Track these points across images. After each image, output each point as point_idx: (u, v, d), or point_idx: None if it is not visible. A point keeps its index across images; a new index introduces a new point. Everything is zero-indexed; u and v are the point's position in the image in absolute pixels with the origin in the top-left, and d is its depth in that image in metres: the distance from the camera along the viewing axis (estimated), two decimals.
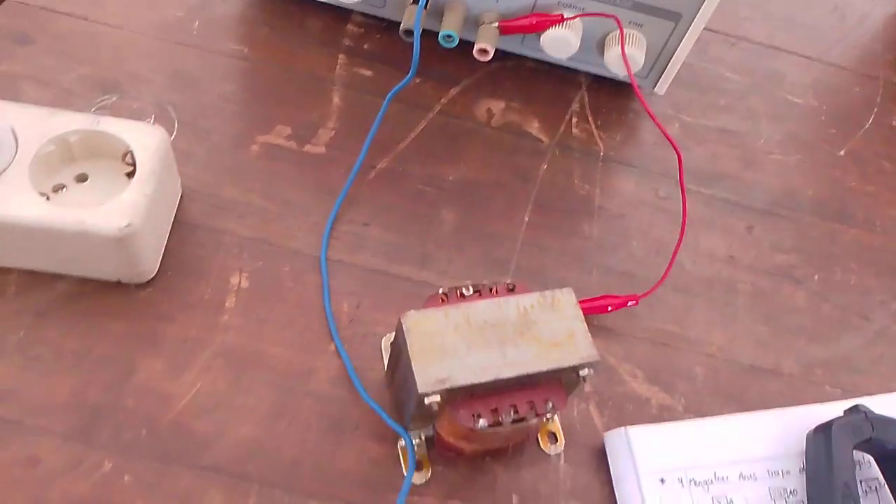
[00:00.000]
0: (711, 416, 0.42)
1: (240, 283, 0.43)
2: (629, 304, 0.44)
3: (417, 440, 0.38)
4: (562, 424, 0.41)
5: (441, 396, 0.33)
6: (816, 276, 0.50)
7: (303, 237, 0.45)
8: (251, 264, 0.44)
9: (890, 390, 0.46)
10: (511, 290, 0.37)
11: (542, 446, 0.40)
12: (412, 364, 0.33)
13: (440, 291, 0.37)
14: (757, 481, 0.39)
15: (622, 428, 0.40)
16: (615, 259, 0.48)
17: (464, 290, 0.37)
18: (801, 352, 0.46)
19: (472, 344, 0.34)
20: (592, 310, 0.44)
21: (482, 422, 0.34)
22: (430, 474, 0.38)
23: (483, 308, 0.36)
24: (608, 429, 0.41)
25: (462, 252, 0.47)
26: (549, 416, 0.34)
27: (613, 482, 0.39)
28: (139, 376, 0.39)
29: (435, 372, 0.33)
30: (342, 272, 0.44)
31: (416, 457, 0.38)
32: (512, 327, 0.35)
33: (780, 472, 0.40)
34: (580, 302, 0.43)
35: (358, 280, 0.44)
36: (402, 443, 0.39)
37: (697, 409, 0.43)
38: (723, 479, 0.39)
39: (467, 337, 0.35)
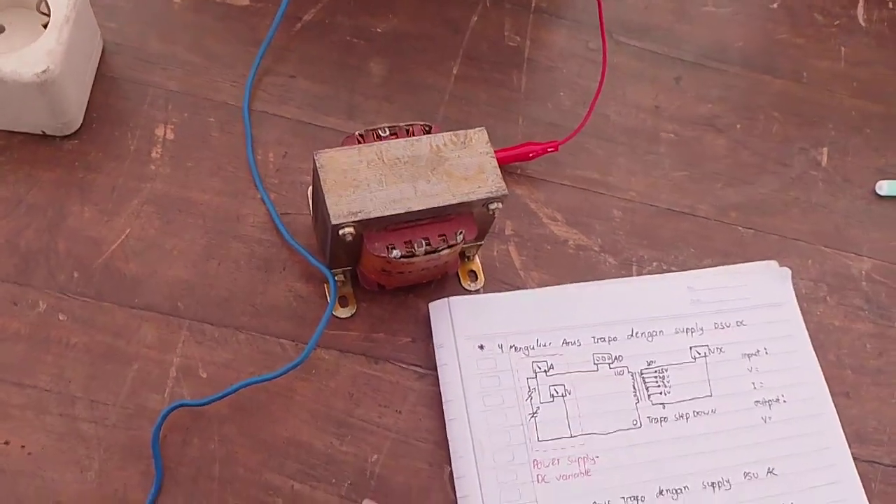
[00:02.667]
0: (610, 267, 0.44)
1: (165, 134, 0.43)
2: (548, 150, 0.45)
3: (342, 278, 0.40)
4: (483, 264, 0.43)
5: (355, 228, 0.35)
6: (739, 126, 0.51)
7: (228, 89, 0.45)
8: (177, 116, 0.44)
9: (800, 230, 0.48)
10: (427, 131, 0.38)
11: (463, 283, 0.42)
12: (325, 198, 0.35)
13: (356, 133, 0.38)
14: (581, 346, 0.41)
15: (445, 298, 0.41)
16: (542, 110, 0.49)
17: (380, 132, 0.38)
18: (718, 196, 0.48)
19: (385, 179, 0.36)
20: (515, 157, 0.45)
21: (395, 252, 0.36)
22: (355, 309, 0.40)
23: (396, 146, 0.37)
24: (525, 269, 0.44)
25: (390, 103, 0.47)
26: (458, 244, 0.36)
27: (435, 350, 0.40)
28: (70, 222, 0.40)
29: (347, 205, 0.35)
30: (268, 123, 0.45)
31: (342, 293, 0.40)
32: (424, 163, 0.36)
33: (606, 339, 0.41)
34: (503, 150, 0.45)
35: (284, 130, 0.45)
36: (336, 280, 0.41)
37: (612, 248, 0.45)
38: (545, 345, 0.40)
39: (380, 173, 0.36)
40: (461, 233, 0.36)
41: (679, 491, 0.39)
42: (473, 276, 0.43)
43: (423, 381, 0.40)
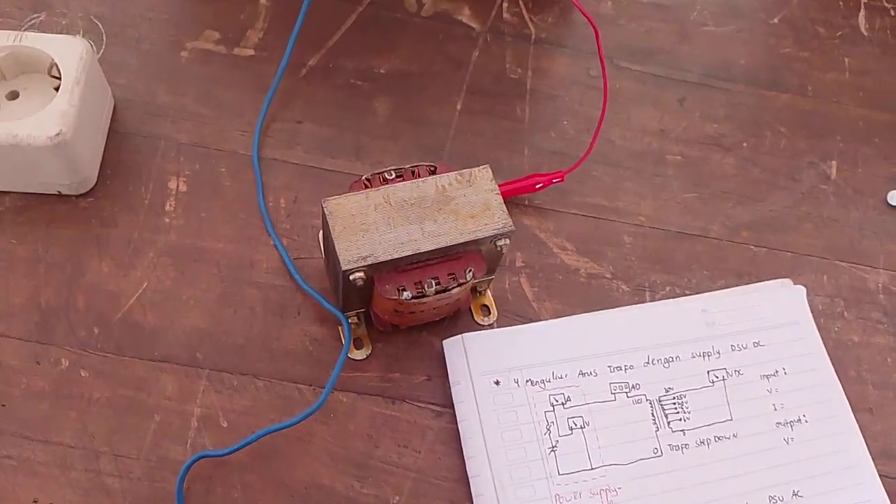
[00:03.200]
0: (617, 305, 0.44)
1: (178, 186, 0.44)
2: (553, 181, 0.45)
3: (356, 320, 0.41)
4: (495, 297, 0.43)
5: (365, 273, 0.35)
6: (746, 143, 0.51)
7: (237, 138, 0.46)
8: (188, 167, 0.45)
9: (813, 246, 0.48)
10: (433, 171, 0.39)
11: (476, 318, 0.42)
12: (335, 244, 0.35)
13: (363, 178, 0.38)
14: (598, 377, 0.41)
15: (459, 336, 0.41)
16: (547, 139, 0.49)
17: (386, 175, 0.38)
18: (728, 215, 0.48)
19: (393, 222, 0.36)
20: (522, 189, 0.46)
21: (406, 293, 0.36)
22: (370, 350, 0.41)
23: (402, 188, 0.37)
24: (538, 300, 0.44)
25: (396, 142, 0.48)
26: (468, 281, 0.37)
27: (451, 388, 0.40)
28: (88, 278, 0.41)
29: (357, 250, 0.35)
30: (277, 169, 0.46)
31: (356, 335, 0.41)
32: (430, 204, 0.37)
33: (623, 367, 0.41)
34: (509, 182, 0.46)
35: (293, 175, 0.46)
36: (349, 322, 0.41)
37: (624, 275, 0.45)
38: (561, 377, 0.40)
39: (387, 216, 0.36)
40: (470, 270, 0.37)
41: None
42: (486, 310, 0.43)
43: (440, 419, 0.40)
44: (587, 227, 0.47)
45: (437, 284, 0.36)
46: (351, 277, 0.35)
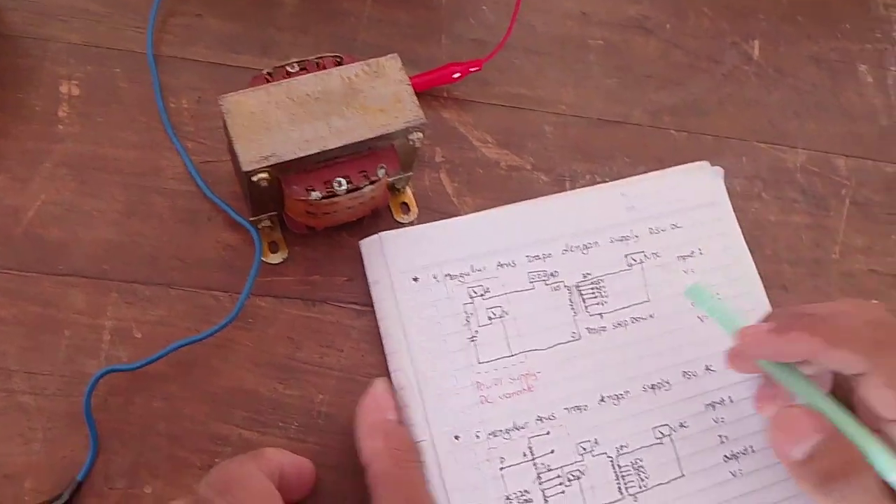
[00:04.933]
0: (522, 199, 0.43)
1: (70, 90, 0.41)
2: (471, 70, 0.44)
3: (269, 223, 0.39)
4: (415, 195, 0.43)
5: (269, 173, 0.34)
6: (668, 25, 0.50)
7: (133, 36, 0.43)
8: (80, 70, 0.42)
9: (734, 128, 0.48)
10: (339, 62, 0.37)
11: (396, 216, 0.42)
12: (234, 144, 0.34)
13: (264, 72, 0.36)
14: (516, 267, 0.41)
15: (376, 234, 0.40)
16: (466, 27, 0.47)
17: (289, 68, 0.36)
18: (650, 100, 0.48)
19: (296, 118, 0.35)
20: (437, 80, 0.44)
21: (315, 194, 0.35)
22: (287, 254, 0.40)
23: (306, 82, 0.35)
24: (459, 196, 0.43)
25: (305, 34, 0.45)
26: (381, 179, 0.36)
27: (370, 287, 0.40)
28: None
29: (259, 149, 0.34)
30: (178, 68, 0.43)
31: (271, 239, 0.40)
32: (337, 98, 0.35)
33: (541, 256, 0.41)
34: (425, 73, 0.44)
35: (196, 74, 0.43)
36: (261, 226, 0.40)
37: (545, 165, 0.45)
38: (480, 269, 0.40)
39: (290, 112, 0.35)
40: (383, 167, 0.36)
41: (620, 396, 0.40)
42: (406, 208, 0.42)
43: (362, 318, 0.40)
44: (508, 119, 0.45)
45: (348, 183, 0.35)
46: (254, 179, 0.34)
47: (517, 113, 0.46)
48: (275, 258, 0.40)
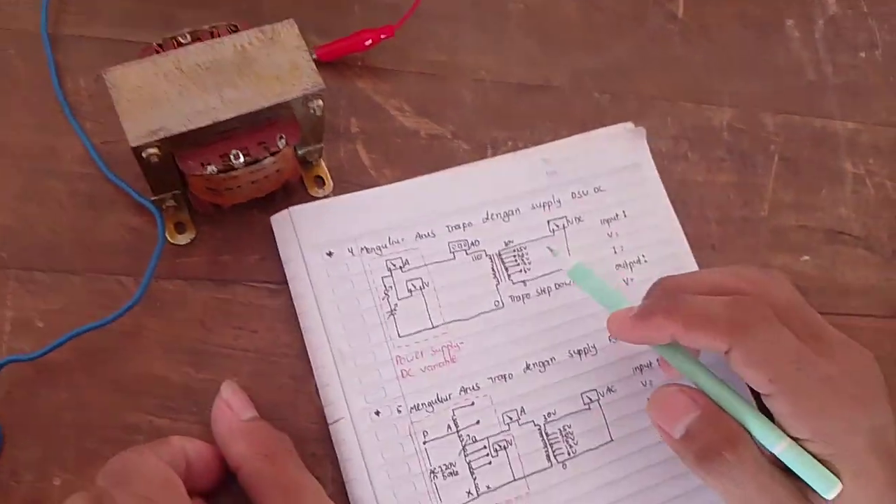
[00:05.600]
0: (448, 165, 0.42)
1: None
2: (382, 36, 0.42)
3: (174, 203, 0.38)
4: (330, 168, 0.41)
5: (160, 148, 0.33)
6: None
7: (27, 15, 0.41)
8: None
9: (658, 89, 0.47)
10: (234, 30, 0.35)
11: (310, 190, 0.40)
12: (120, 119, 0.32)
13: (154, 44, 0.35)
14: (436, 237, 0.40)
15: (286, 210, 0.39)
16: None
17: (180, 38, 0.35)
18: (572, 64, 0.47)
19: (186, 90, 0.33)
20: (348, 48, 0.42)
21: (211, 168, 0.33)
22: (195, 234, 0.39)
23: (195, 52, 0.34)
24: (376, 167, 0.42)
25: (209, 8, 0.43)
26: (281, 150, 0.34)
27: (283, 264, 0.38)
28: None
29: (146, 123, 0.32)
30: (76, 47, 0.41)
31: (177, 219, 0.38)
32: (229, 67, 0.34)
33: (461, 225, 0.40)
34: (334, 42, 0.43)
35: (95, 52, 0.41)
36: (165, 206, 0.38)
37: (465, 133, 0.43)
38: (398, 241, 0.39)
39: (179, 84, 0.33)
40: (282, 138, 0.34)
41: (546, 363, 0.39)
42: (320, 181, 0.41)
43: (277, 297, 0.38)
44: (426, 86, 0.44)
45: (245, 156, 0.34)
46: (143, 155, 0.32)
47: (435, 80, 0.44)
48: (182, 239, 0.38)
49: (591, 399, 0.39)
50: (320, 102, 0.34)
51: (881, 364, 0.34)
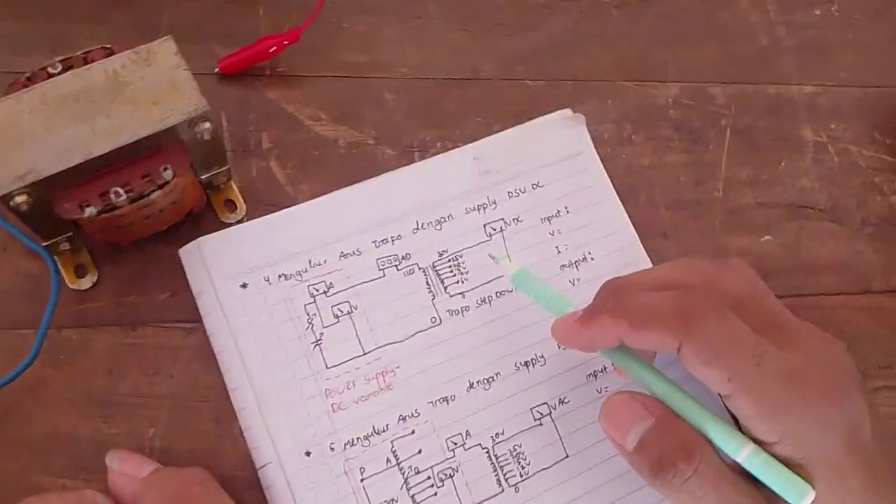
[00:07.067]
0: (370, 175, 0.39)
1: None
2: (285, 43, 0.39)
3: (68, 246, 0.35)
4: (242, 189, 0.38)
5: (29, 195, 0.29)
6: None
7: None
8: None
9: (597, 70, 0.44)
10: (110, 53, 0.32)
11: (221, 216, 0.37)
12: None
13: (24, 77, 0.32)
14: (362, 255, 0.37)
15: (194, 241, 0.36)
16: None
17: (51, 69, 0.32)
18: (502, 51, 0.43)
19: (53, 126, 0.30)
20: (255, 57, 0.39)
21: (90, 210, 0.30)
22: (96, 276, 0.36)
23: (63, 82, 0.31)
24: (293, 183, 0.39)
25: (103, 25, 0.40)
26: (170, 181, 0.31)
27: (195, 298, 0.35)
28: None
29: (13, 168, 0.29)
30: None
31: (77, 262, 0.35)
32: (100, 95, 0.31)
33: (390, 239, 0.37)
34: (237, 52, 0.39)
35: None
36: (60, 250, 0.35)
37: (389, 137, 0.40)
38: (320, 263, 0.36)
39: (47, 119, 0.30)
40: (167, 168, 0.31)
41: (491, 379, 0.36)
42: (232, 205, 0.38)
43: (192, 336, 0.35)
44: (342, 90, 0.41)
45: (128, 192, 0.31)
46: (12, 204, 0.29)
47: (352, 82, 0.41)
48: (83, 283, 0.35)
49: (542, 414, 0.36)
50: (207, 125, 0.31)
51: (856, 344, 0.31)
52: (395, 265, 0.37)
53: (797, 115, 0.46)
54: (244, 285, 0.35)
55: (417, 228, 0.38)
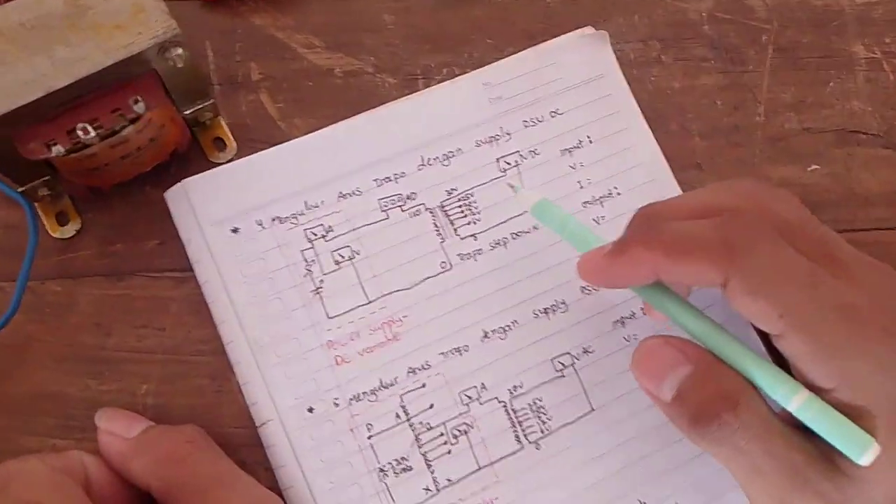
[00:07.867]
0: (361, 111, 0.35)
1: None
2: None
3: (48, 191, 0.32)
4: (231, 126, 0.35)
5: None
6: None
7: None
8: None
9: None
10: None
11: (210, 156, 0.34)
12: None
13: None
14: (362, 195, 0.34)
15: (179, 183, 0.33)
16: None
17: None
18: None
19: (9, 57, 0.27)
20: None
21: (57, 148, 0.28)
22: (80, 224, 0.33)
23: (17, 8, 0.27)
24: (286, 118, 0.35)
25: None
26: (143, 115, 0.28)
27: (184, 245, 0.33)
28: None
29: None
30: None
31: (58, 209, 0.33)
32: (58, 22, 0.27)
33: (392, 177, 0.34)
34: None
35: None
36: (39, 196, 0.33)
37: (390, 65, 0.36)
38: (317, 205, 0.33)
39: (2, 51, 0.27)
40: (138, 101, 0.28)
41: (507, 328, 0.33)
42: (221, 144, 0.34)
43: (183, 286, 0.33)
44: (337, 13, 0.37)
45: (97, 128, 0.28)
46: None
47: (347, 5, 0.37)
48: (66, 231, 0.33)
49: (563, 364, 0.33)
50: (179, 51, 0.28)
51: None
52: (400, 206, 0.34)
53: (847, 29, 0.41)
54: (235, 230, 0.33)
55: (423, 165, 0.34)
